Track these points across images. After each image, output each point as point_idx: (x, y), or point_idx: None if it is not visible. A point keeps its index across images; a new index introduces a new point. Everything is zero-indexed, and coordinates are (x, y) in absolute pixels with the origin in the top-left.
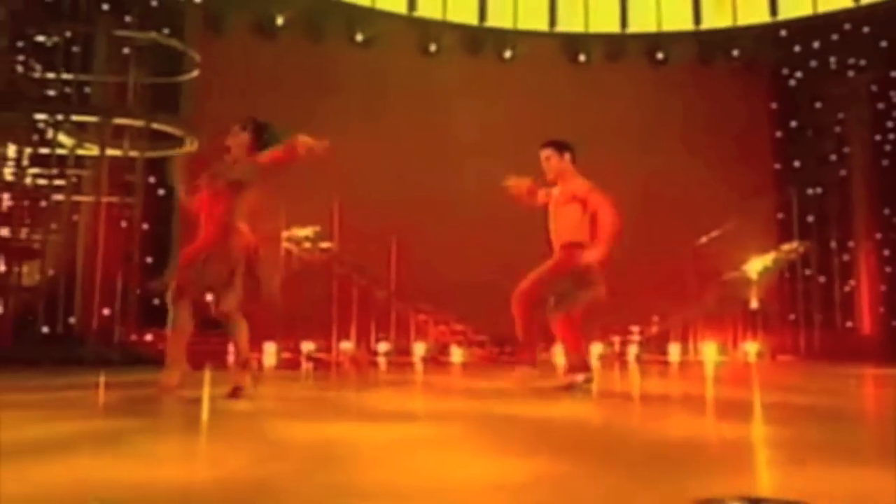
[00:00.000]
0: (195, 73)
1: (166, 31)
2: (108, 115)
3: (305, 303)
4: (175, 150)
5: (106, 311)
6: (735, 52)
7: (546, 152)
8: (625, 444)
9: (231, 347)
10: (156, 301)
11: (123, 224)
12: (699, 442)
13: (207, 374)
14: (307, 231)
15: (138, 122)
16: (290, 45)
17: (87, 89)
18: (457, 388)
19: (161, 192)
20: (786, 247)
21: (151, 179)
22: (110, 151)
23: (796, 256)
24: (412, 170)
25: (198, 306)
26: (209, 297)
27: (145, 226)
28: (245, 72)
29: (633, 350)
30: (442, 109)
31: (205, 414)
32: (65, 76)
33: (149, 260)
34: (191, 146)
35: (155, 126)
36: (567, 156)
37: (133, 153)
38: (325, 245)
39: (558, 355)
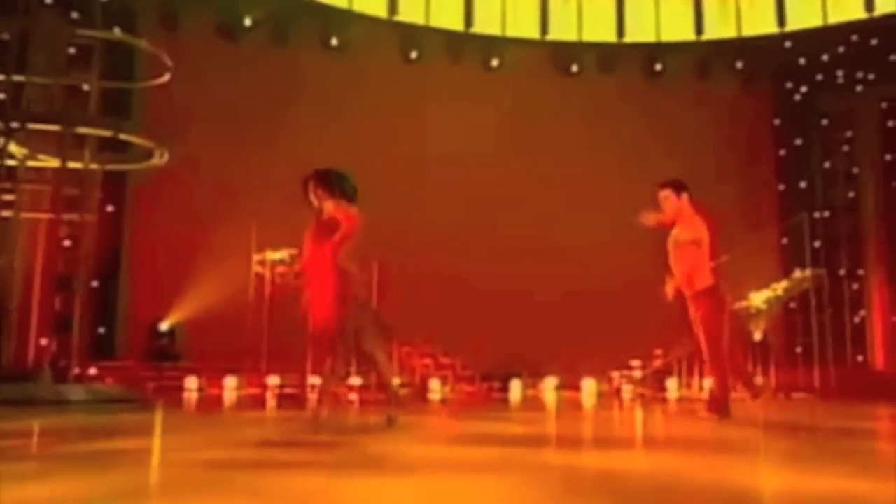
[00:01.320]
0: (166, 77)
1: (117, 29)
2: (70, 123)
3: (277, 332)
4: (142, 163)
5: (43, 342)
6: (739, 65)
7: (665, 192)
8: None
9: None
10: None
11: (67, 244)
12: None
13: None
14: (281, 254)
15: (104, 132)
16: (257, 49)
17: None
18: (464, 432)
19: (110, 208)
20: (798, 274)
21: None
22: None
23: (809, 285)
24: (392, 186)
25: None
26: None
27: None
28: (205, 76)
29: (626, 388)
30: (423, 120)
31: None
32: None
33: (94, 284)
34: (160, 159)
35: (122, 137)
36: (685, 196)
37: (94, 166)
38: (300, 269)
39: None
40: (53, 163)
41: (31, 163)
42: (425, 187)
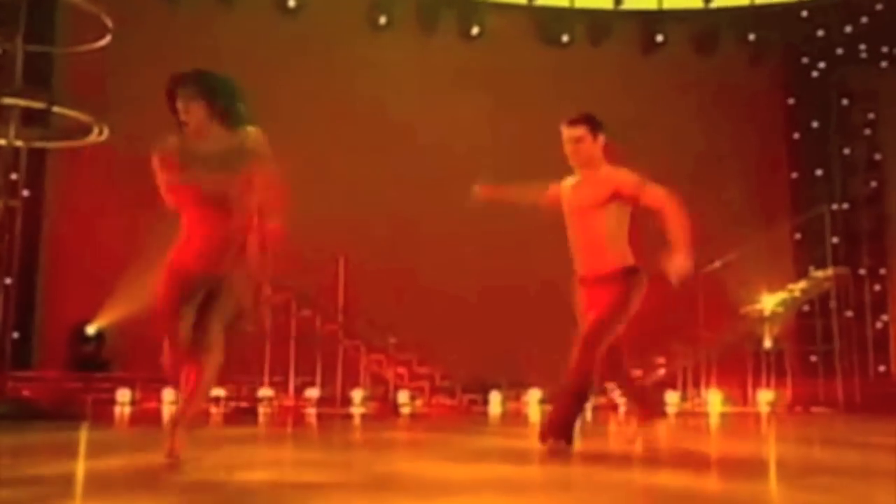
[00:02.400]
0: (107, 39)
1: None
2: None
3: (233, 341)
4: (78, 139)
5: None
6: (751, 37)
7: (577, 131)
8: None
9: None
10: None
11: None
12: None
13: None
14: None
15: (35, 104)
16: (199, 11)
17: None
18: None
19: (26, 192)
20: (819, 273)
21: (14, 176)
22: None
23: (831, 286)
24: (361, 174)
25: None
26: None
27: None
28: (138, 41)
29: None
30: (394, 97)
31: None
32: None
33: (7, 281)
34: (99, 135)
35: (56, 110)
36: (601, 139)
37: (18, 143)
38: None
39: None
40: None
41: None
42: (400, 172)
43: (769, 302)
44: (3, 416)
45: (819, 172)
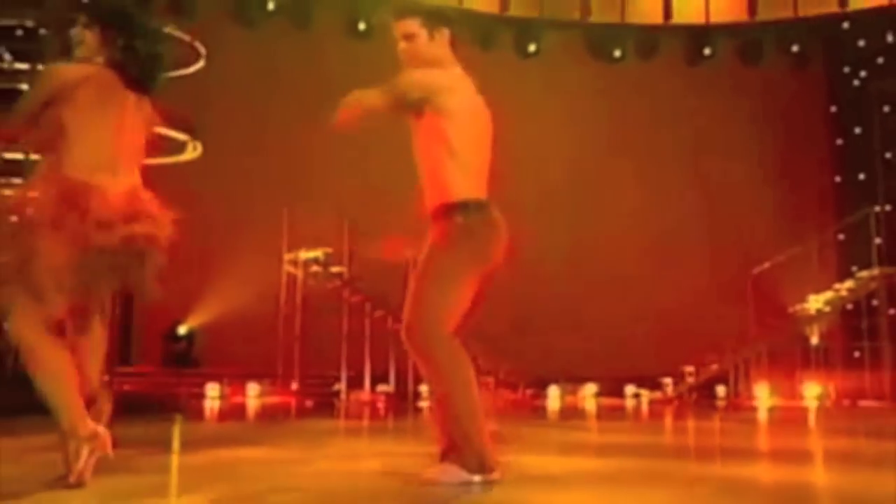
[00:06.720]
0: (200, 64)
1: None
2: None
3: (312, 336)
4: (174, 157)
5: None
6: (795, 48)
7: (408, 25)
8: None
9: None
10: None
11: None
12: None
13: None
14: (315, 253)
15: None
16: (277, 35)
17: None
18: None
19: None
20: (864, 273)
21: None
22: None
23: (877, 285)
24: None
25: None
26: None
27: None
28: (221, 63)
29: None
30: None
31: None
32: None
33: None
34: (193, 152)
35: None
36: (446, 36)
37: None
38: (335, 270)
39: None
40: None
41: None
42: None
43: (816, 301)
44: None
45: (862, 176)
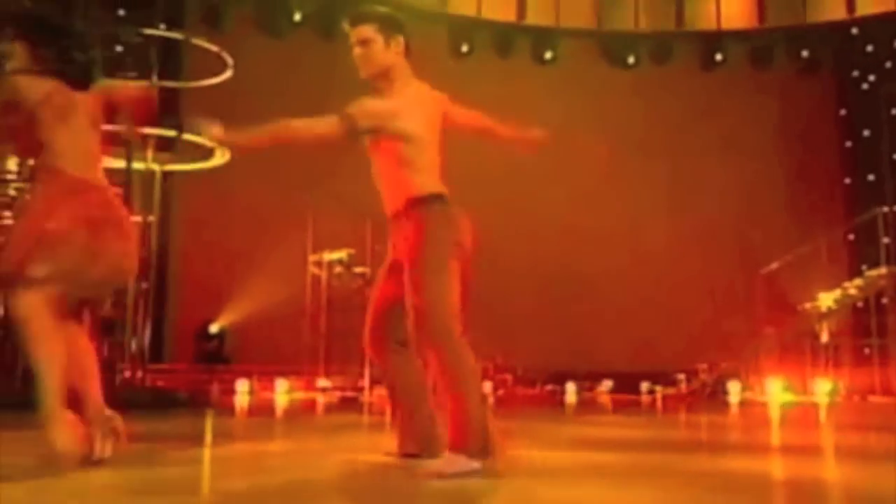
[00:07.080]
0: (228, 73)
1: (162, 26)
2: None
3: (337, 334)
4: (201, 162)
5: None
6: (804, 53)
7: (364, 31)
8: None
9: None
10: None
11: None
12: None
13: None
14: (339, 254)
15: (168, 133)
16: (303, 45)
17: None
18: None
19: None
20: (873, 272)
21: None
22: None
23: (886, 284)
24: (453, 181)
25: None
26: None
27: None
28: (248, 72)
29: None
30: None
31: None
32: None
33: (144, 286)
34: (222, 158)
35: (187, 137)
36: (399, 44)
37: (155, 166)
38: (359, 270)
39: None
40: (118, 163)
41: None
42: (479, 187)
43: (826, 299)
44: (142, 404)
45: (871, 177)
